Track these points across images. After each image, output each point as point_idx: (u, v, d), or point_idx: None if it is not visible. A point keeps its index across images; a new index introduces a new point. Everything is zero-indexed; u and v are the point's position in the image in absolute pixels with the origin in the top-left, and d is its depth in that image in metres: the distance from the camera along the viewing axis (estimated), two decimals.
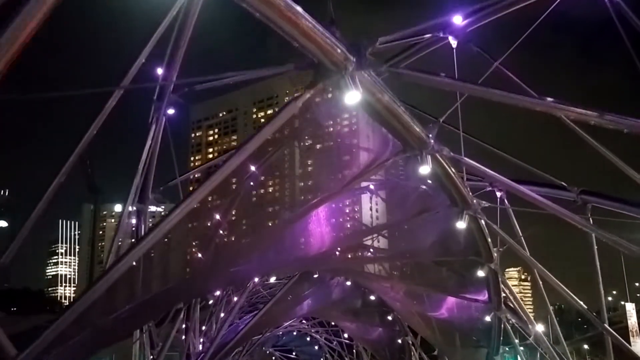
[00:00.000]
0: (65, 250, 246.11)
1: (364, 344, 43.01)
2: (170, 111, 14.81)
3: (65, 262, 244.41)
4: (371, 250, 20.89)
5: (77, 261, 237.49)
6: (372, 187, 24.11)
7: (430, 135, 10.60)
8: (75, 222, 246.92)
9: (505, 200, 15.85)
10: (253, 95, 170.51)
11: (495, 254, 17.16)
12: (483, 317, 21.20)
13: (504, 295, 19.84)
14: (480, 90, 9.63)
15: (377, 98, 8.38)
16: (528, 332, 22.04)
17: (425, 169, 10.72)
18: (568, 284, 18.74)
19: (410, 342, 32.97)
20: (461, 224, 14.15)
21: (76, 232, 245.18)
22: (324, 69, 6.76)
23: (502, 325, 21.06)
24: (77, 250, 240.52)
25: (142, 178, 15.45)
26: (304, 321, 47.63)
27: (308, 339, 57.78)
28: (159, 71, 13.85)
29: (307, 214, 11.29)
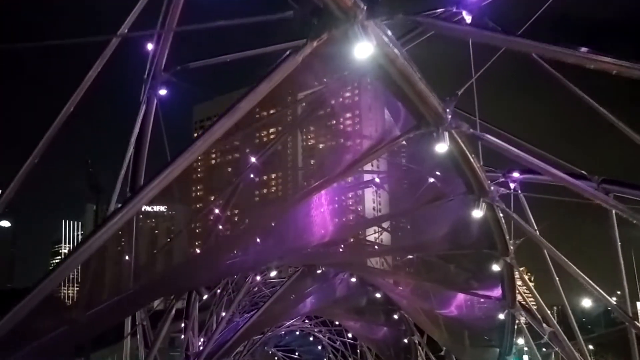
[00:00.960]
0: (68, 251, 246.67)
1: (368, 343, 41.91)
2: (162, 92, 13.74)
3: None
4: (376, 244, 19.83)
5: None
6: (377, 180, 23.18)
7: (448, 110, 9.51)
8: (79, 222, 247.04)
9: (519, 191, 14.75)
10: None
11: (511, 247, 16.03)
12: (496, 314, 20.06)
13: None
14: (503, 40, 8.44)
15: (391, 59, 7.29)
16: (542, 330, 20.95)
17: (442, 147, 9.62)
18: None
19: (417, 342, 31.82)
20: (477, 213, 13.03)
21: (79, 233, 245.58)
22: (330, 16, 5.71)
23: (516, 324, 19.99)
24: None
25: (131, 168, 14.39)
26: (306, 320, 46.65)
27: (311, 338, 56.92)
28: (149, 46, 12.84)
29: (307, 198, 10.20)
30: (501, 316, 19.49)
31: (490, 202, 13.18)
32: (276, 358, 65.96)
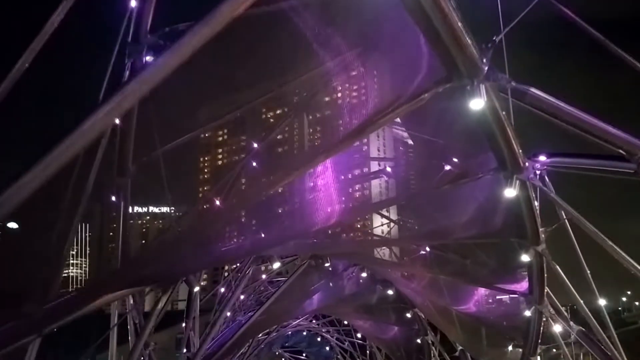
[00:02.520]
0: (77, 252, 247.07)
1: (378, 343, 40.22)
2: (149, 58, 12.10)
3: (76, 263, 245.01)
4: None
5: (87, 263, 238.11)
6: (389, 169, 21.47)
7: (485, 60, 7.85)
8: (86, 224, 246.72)
9: (546, 178, 12.99)
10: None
11: (543, 235, 14.29)
12: (520, 311, 18.33)
13: None
14: None
15: None
16: (569, 328, 19.19)
17: (477, 104, 7.94)
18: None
19: (431, 342, 30.07)
20: (510, 193, 11.32)
21: (87, 234, 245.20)
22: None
23: (542, 322, 18.23)
24: (87, 252, 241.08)
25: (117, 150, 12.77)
26: (313, 320, 45.08)
27: (319, 339, 55.40)
28: (132, 3, 11.22)
29: (311, 165, 8.55)
30: (527, 313, 17.76)
31: (524, 180, 11.49)
32: (283, 359, 64.46)
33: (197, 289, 10.51)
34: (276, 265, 14.22)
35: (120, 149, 12.92)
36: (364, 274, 22.11)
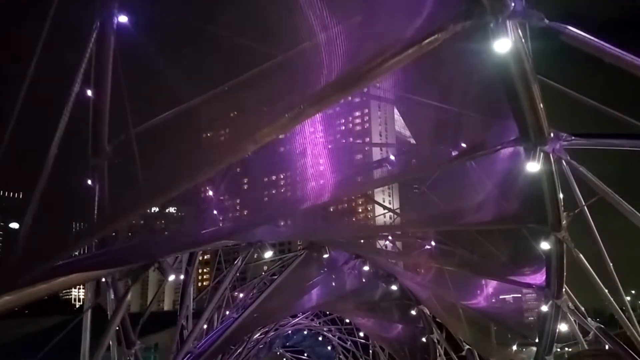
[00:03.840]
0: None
1: (381, 342, 38.75)
2: (123, 19, 10.63)
3: None
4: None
5: None
6: (392, 157, 20.00)
7: None
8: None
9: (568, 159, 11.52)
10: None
11: (564, 220, 12.82)
12: (536, 306, 16.87)
13: None
14: None
15: None
16: (587, 325, 17.72)
17: (502, 46, 6.51)
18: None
19: (437, 340, 28.59)
20: (533, 167, 9.88)
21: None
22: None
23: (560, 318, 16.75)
24: None
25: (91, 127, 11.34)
26: (314, 319, 43.66)
27: (320, 338, 54.01)
28: None
29: (295, 120, 7.12)
30: (544, 308, 16.28)
31: (548, 152, 10.05)
32: (284, 359, 63.16)
33: (171, 277, 9.08)
34: (268, 254, 12.78)
35: (94, 126, 11.51)
36: (366, 267, 20.67)
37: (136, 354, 16.88)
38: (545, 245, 13.30)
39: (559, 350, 19.53)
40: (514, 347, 23.07)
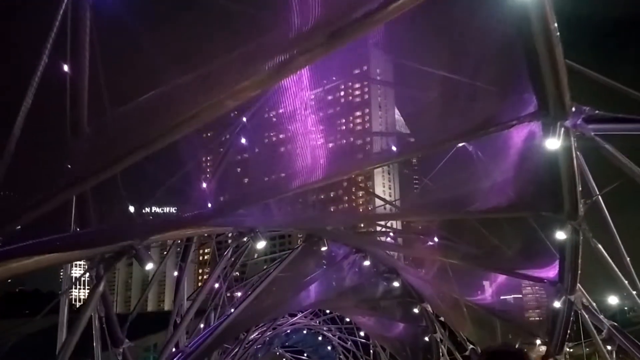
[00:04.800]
0: None
1: (382, 342, 37.77)
2: None
3: (80, 264, 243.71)
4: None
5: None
6: (394, 148, 18.99)
7: None
8: None
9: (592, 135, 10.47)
10: None
11: (582, 207, 11.79)
12: (546, 302, 15.86)
13: None
14: None
15: None
16: (600, 323, 16.71)
17: None
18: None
19: (439, 340, 27.57)
20: (553, 144, 8.86)
21: None
22: None
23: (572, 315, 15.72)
24: None
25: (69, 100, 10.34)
26: (313, 318, 42.74)
27: (320, 338, 53.12)
28: None
29: (280, 73, 6.12)
30: (557, 304, 15.26)
31: (569, 128, 9.04)
32: (284, 359, 62.35)
33: (150, 266, 8.07)
34: (261, 245, 11.76)
35: (72, 105, 10.53)
36: (367, 263, 19.67)
37: (124, 352, 15.91)
38: (560, 235, 12.26)
39: (570, 350, 18.59)
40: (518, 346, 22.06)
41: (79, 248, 6.73)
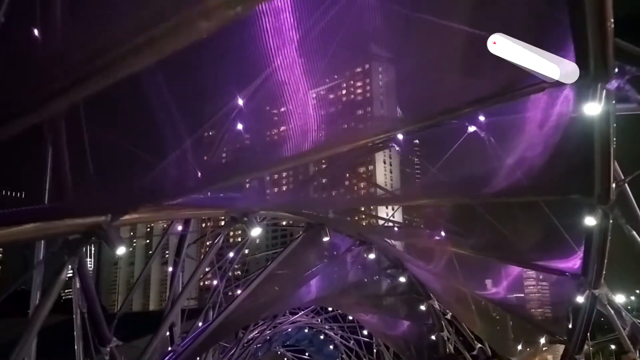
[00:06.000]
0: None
1: (386, 340, 36.52)
2: None
3: None
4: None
5: (93, 264, 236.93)
6: (400, 136, 17.77)
7: None
8: None
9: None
10: None
11: (614, 189, 10.53)
12: (567, 297, 14.59)
13: None
14: None
15: None
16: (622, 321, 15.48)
17: None
18: None
19: (446, 338, 26.33)
20: (593, 109, 7.59)
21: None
22: None
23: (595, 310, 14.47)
24: (92, 252, 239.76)
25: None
26: (315, 316, 41.48)
27: (322, 337, 51.88)
28: None
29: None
30: (579, 299, 14.00)
31: (612, 91, 7.79)
32: (285, 359, 61.12)
33: (121, 250, 6.84)
34: (256, 231, 10.53)
35: (42, 72, 9.29)
36: (372, 256, 18.41)
37: (112, 352, 14.74)
38: (590, 221, 10.96)
39: (591, 348, 17.33)
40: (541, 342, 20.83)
41: (31, 222, 5.52)
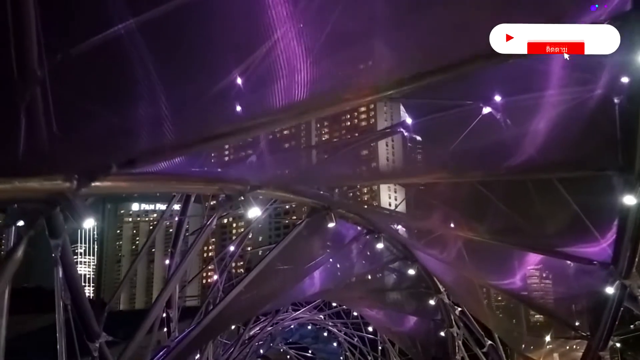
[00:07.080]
0: (85, 250, 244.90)
1: (392, 337, 35.38)
2: None
3: (84, 262, 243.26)
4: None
5: (95, 261, 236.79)
6: (409, 121, 16.59)
7: None
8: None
9: None
10: None
11: None
12: (598, 288, 13.33)
13: None
14: None
15: None
16: None
17: None
18: None
19: (456, 334, 25.13)
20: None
21: (94, 233, 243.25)
22: None
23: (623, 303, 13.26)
24: (96, 250, 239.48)
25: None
26: (318, 312, 40.41)
27: (325, 334, 50.93)
28: None
29: None
30: (609, 290, 12.79)
31: None
32: (288, 357, 60.27)
33: (88, 222, 5.69)
34: (253, 212, 9.39)
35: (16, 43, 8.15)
36: (380, 245, 17.23)
37: (101, 347, 13.67)
38: (629, 200, 9.73)
39: (617, 345, 16.15)
40: (547, 339, 19.76)
41: None
